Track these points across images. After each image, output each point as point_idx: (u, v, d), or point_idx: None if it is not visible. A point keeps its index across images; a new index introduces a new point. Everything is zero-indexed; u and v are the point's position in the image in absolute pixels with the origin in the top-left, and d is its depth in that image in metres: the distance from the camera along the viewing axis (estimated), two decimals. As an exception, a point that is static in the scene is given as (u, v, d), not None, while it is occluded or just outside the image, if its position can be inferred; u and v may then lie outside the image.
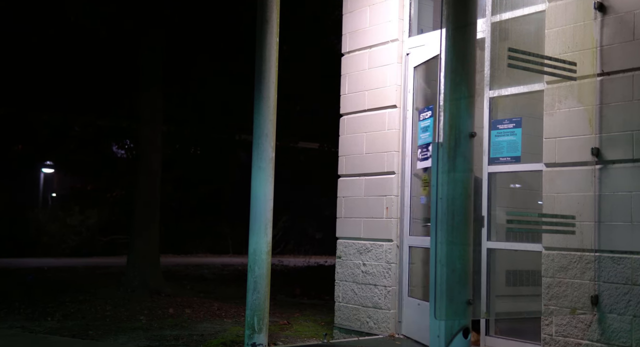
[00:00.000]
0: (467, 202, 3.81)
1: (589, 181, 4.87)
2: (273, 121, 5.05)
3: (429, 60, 6.70)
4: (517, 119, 5.32)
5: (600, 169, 4.83)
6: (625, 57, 4.73)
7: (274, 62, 5.16)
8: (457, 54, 3.96)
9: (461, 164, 3.82)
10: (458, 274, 3.73)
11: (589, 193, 4.86)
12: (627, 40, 4.74)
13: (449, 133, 3.86)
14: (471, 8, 4.05)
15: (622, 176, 4.72)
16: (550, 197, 5.10)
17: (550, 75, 4.98)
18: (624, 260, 4.66)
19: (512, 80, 5.27)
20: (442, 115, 3.90)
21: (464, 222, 3.79)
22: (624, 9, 4.76)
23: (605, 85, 4.84)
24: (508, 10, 5.23)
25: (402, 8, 6.64)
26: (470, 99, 3.91)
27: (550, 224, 4.95)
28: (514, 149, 5.33)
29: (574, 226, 4.88)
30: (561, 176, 5.04)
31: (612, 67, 4.80)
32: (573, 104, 4.99)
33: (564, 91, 5.04)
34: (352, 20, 7.08)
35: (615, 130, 4.77)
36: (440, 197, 3.81)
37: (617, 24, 4.80)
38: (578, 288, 4.88)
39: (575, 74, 4.94)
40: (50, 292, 10.17)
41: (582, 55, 4.94)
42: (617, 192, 4.74)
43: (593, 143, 4.86)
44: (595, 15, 4.89)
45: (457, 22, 4.00)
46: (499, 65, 5.17)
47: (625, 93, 4.72)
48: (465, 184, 3.82)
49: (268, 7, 5.28)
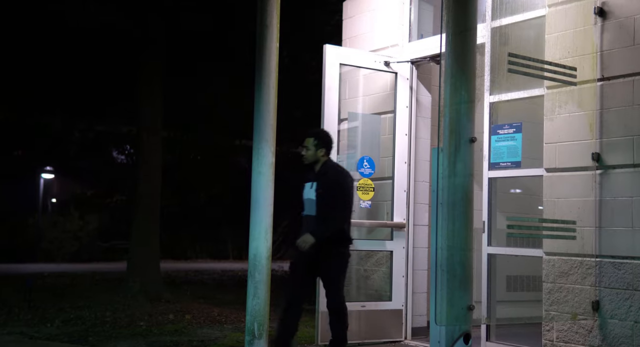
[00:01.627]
0: (467, 208, 3.80)
1: (589, 186, 4.86)
2: (273, 126, 5.05)
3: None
4: (517, 124, 5.31)
5: (600, 174, 4.83)
6: (625, 62, 4.73)
7: (274, 66, 5.16)
8: (457, 59, 3.96)
9: (461, 169, 3.81)
10: (459, 280, 3.72)
11: (590, 198, 4.85)
12: (627, 45, 4.74)
13: (449, 138, 3.86)
14: (471, 13, 4.05)
15: (622, 181, 4.72)
16: (550, 202, 5.09)
17: (550, 80, 4.98)
18: (624, 265, 4.65)
19: (512, 85, 5.26)
20: (442, 120, 3.89)
21: (465, 228, 3.78)
22: (624, 14, 4.77)
23: (606, 90, 4.83)
24: (508, 15, 5.23)
25: (402, 13, 6.65)
26: (471, 103, 3.90)
27: (551, 230, 4.94)
28: (514, 154, 5.33)
29: (575, 231, 4.87)
30: (562, 181, 5.04)
31: (612, 72, 4.80)
32: (573, 109, 4.99)
33: (564, 96, 5.03)
34: (352, 26, 7.09)
35: (615, 135, 4.77)
36: (440, 202, 3.81)
37: (617, 29, 4.80)
38: (579, 293, 4.87)
39: (575, 79, 4.94)
40: (50, 297, 10.14)
41: (582, 60, 4.94)
42: (617, 197, 4.73)
43: (593, 148, 4.85)
44: (595, 20, 4.90)
45: (457, 27, 4.00)
46: (499, 70, 5.17)
47: (625, 98, 4.72)
48: (466, 189, 3.81)
49: (268, 12, 5.28)
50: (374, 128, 6.64)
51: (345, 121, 6.56)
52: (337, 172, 5.45)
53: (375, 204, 6.49)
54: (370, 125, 6.65)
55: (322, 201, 5.32)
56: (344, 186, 5.40)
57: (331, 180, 5.36)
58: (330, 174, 5.40)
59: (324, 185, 5.35)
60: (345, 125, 6.56)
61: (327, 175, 5.40)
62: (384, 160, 6.57)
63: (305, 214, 5.41)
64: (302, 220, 5.44)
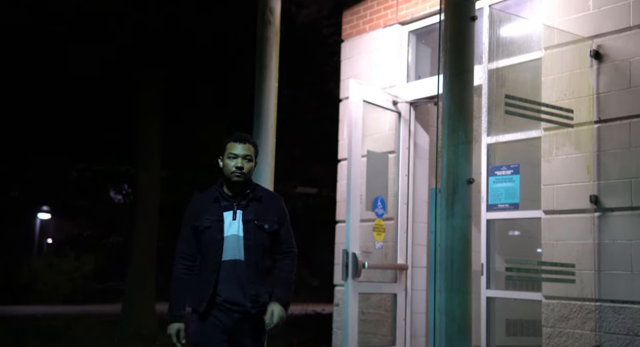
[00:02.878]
0: (466, 249, 3.76)
1: (588, 228, 4.83)
2: (271, 165, 5.04)
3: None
4: (515, 165, 5.31)
5: (599, 216, 4.80)
6: (622, 104, 4.75)
7: (272, 107, 5.18)
8: (455, 100, 3.98)
9: (460, 211, 3.79)
10: (458, 323, 3.66)
11: (589, 241, 4.81)
12: (623, 88, 4.76)
13: (447, 179, 3.85)
14: (468, 55, 4.08)
15: (621, 223, 4.68)
16: (549, 245, 5.05)
17: (547, 122, 4.99)
18: (624, 310, 4.58)
19: (510, 126, 5.27)
20: (440, 161, 3.89)
21: (464, 270, 3.74)
22: (620, 57, 4.80)
23: (603, 133, 4.84)
24: (505, 57, 5.27)
25: (400, 55, 6.70)
26: (468, 144, 3.90)
27: (550, 273, 4.89)
28: (512, 196, 5.30)
29: (574, 275, 4.82)
30: (560, 223, 5.00)
31: (609, 115, 4.81)
32: (570, 151, 4.99)
33: (562, 138, 5.04)
34: (351, 66, 7.14)
35: (613, 177, 4.75)
36: (439, 244, 3.77)
37: (612, 71, 4.83)
38: (579, 339, 4.79)
39: (572, 120, 4.95)
40: (44, 341, 9.97)
41: (578, 102, 4.96)
42: (616, 241, 4.69)
43: (591, 190, 4.83)
44: (591, 63, 4.93)
45: (454, 69, 4.02)
46: (496, 112, 5.18)
47: (622, 140, 4.72)
48: (464, 231, 3.78)
49: (267, 54, 5.33)
50: (383, 167, 6.58)
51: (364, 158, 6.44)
52: (276, 197, 4.10)
53: (385, 245, 6.41)
54: (380, 164, 6.57)
55: (267, 240, 3.85)
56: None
57: (278, 207, 3.97)
58: (269, 199, 4.00)
59: (269, 214, 3.90)
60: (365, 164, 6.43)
61: (269, 200, 3.98)
62: (389, 201, 6.52)
63: (228, 259, 3.78)
64: (210, 269, 3.80)
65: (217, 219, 3.84)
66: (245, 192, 3.91)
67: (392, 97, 6.54)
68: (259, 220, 3.84)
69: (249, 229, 3.82)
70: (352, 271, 5.69)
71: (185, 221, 3.95)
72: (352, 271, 5.68)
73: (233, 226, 3.83)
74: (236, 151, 3.88)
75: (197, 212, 3.90)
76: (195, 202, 3.98)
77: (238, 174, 3.85)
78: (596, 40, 4.93)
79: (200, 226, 3.86)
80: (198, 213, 3.89)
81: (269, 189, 4.37)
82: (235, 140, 3.93)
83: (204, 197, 3.96)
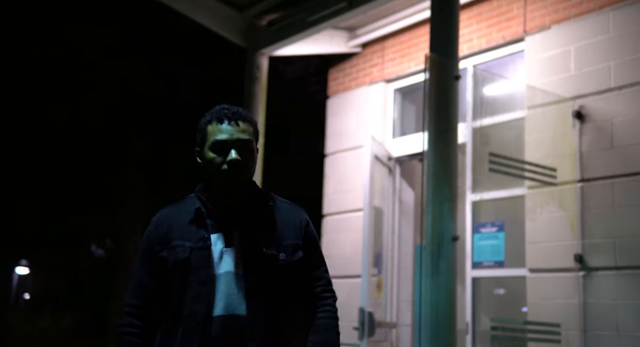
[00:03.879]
0: (451, 307, 3.72)
1: (573, 287, 4.80)
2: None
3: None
4: (500, 222, 5.31)
5: (583, 276, 4.77)
6: (604, 164, 4.79)
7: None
8: (439, 158, 4.00)
9: (445, 268, 3.76)
10: (443, 384, 3.59)
11: (574, 301, 4.77)
12: (606, 147, 4.81)
13: (432, 236, 3.83)
14: (452, 114, 4.13)
15: (605, 283, 4.66)
16: (534, 304, 5.00)
17: (530, 180, 5.02)
18: (612, 370, 4.51)
19: (494, 184, 5.30)
20: (425, 218, 3.88)
21: (449, 328, 3.69)
22: (602, 117, 4.87)
23: (586, 192, 4.86)
24: (488, 116, 5.34)
25: (385, 112, 6.77)
26: (453, 202, 3.91)
27: (536, 332, 4.83)
28: (497, 253, 5.29)
29: (560, 335, 4.76)
30: (545, 282, 4.97)
31: (592, 174, 4.85)
32: (554, 210, 5.00)
33: (545, 196, 5.05)
34: (337, 122, 7.19)
35: (597, 236, 4.75)
36: (423, 302, 3.73)
37: (595, 131, 4.89)
38: (566, 400, 4.70)
39: (555, 179, 4.98)
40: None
41: (562, 161, 5.00)
42: (601, 300, 4.65)
43: (576, 249, 4.82)
44: (574, 123, 4.99)
45: (438, 126, 4.07)
46: (481, 170, 5.22)
47: (605, 200, 4.74)
48: (449, 288, 3.75)
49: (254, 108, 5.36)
50: (378, 222, 6.53)
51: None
52: (296, 208, 2.49)
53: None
54: (378, 219, 6.51)
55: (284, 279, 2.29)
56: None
57: (301, 224, 2.43)
58: (286, 211, 2.43)
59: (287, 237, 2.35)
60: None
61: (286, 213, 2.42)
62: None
63: (220, 314, 2.20)
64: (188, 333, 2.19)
65: (200, 247, 2.27)
66: (245, 200, 2.36)
67: (387, 153, 6.57)
68: (270, 246, 2.29)
69: (254, 261, 2.27)
70: (368, 330, 5.45)
71: (142, 255, 2.37)
72: (367, 330, 5.45)
73: (227, 257, 2.27)
74: (224, 136, 2.29)
75: (164, 237, 2.33)
76: (160, 221, 2.40)
77: (231, 173, 2.29)
78: (578, 100, 5.00)
79: (170, 257, 2.27)
80: (165, 238, 2.32)
81: (283, 199, 2.50)
82: (220, 119, 2.32)
83: (173, 214, 2.40)
